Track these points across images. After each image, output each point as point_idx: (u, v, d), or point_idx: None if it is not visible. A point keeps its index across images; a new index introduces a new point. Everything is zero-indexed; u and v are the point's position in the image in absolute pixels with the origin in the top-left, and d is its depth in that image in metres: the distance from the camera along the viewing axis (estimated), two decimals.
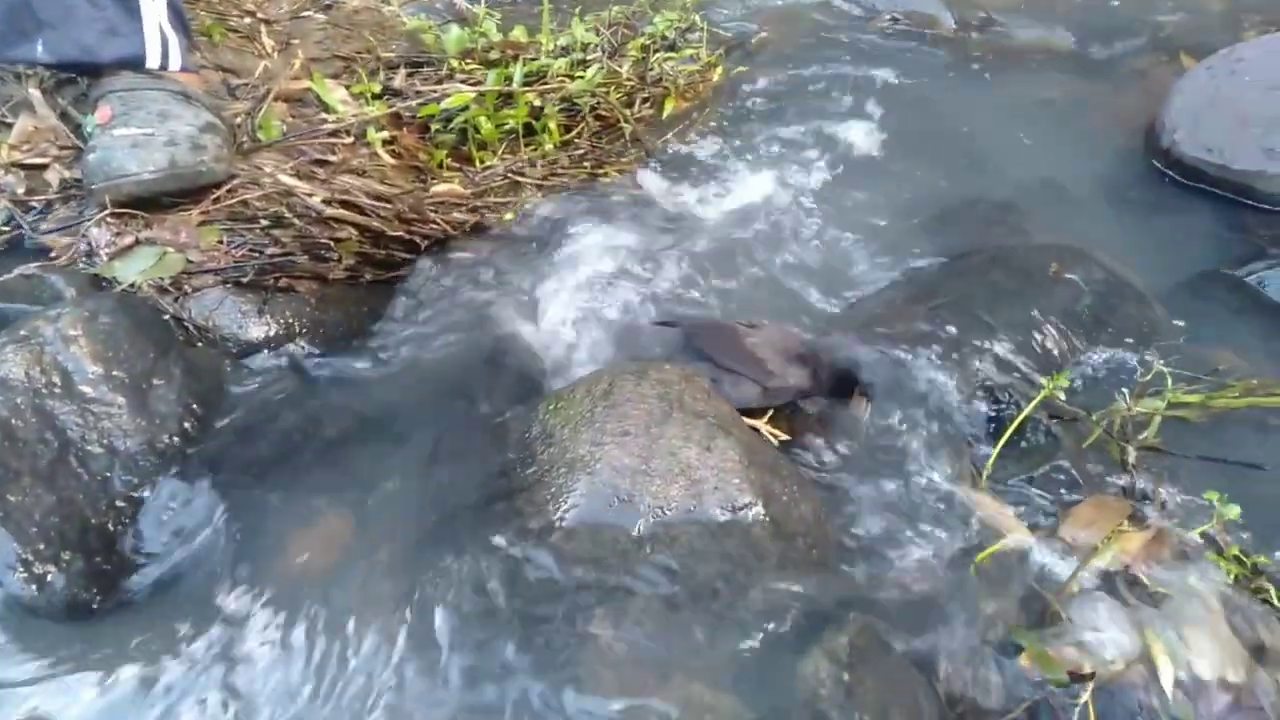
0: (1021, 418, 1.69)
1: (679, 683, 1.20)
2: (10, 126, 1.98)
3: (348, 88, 2.30)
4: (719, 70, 2.88)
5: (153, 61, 1.86)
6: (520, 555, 1.34)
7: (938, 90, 2.90)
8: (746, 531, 1.32)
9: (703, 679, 1.21)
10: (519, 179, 2.32)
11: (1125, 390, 1.84)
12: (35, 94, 2.02)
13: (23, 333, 1.46)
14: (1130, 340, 1.97)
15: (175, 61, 1.89)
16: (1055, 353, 1.92)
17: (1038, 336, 1.94)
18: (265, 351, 1.74)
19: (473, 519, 1.42)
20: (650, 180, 2.43)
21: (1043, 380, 1.76)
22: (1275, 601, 1.39)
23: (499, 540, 1.36)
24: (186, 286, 1.72)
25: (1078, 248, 2.17)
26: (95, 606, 1.33)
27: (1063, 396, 1.75)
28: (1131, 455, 1.71)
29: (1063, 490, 1.64)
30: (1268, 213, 2.34)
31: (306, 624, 1.34)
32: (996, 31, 3.21)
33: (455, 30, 2.50)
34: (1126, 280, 2.11)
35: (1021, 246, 2.20)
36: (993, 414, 1.78)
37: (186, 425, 1.54)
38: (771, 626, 1.26)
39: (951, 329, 1.91)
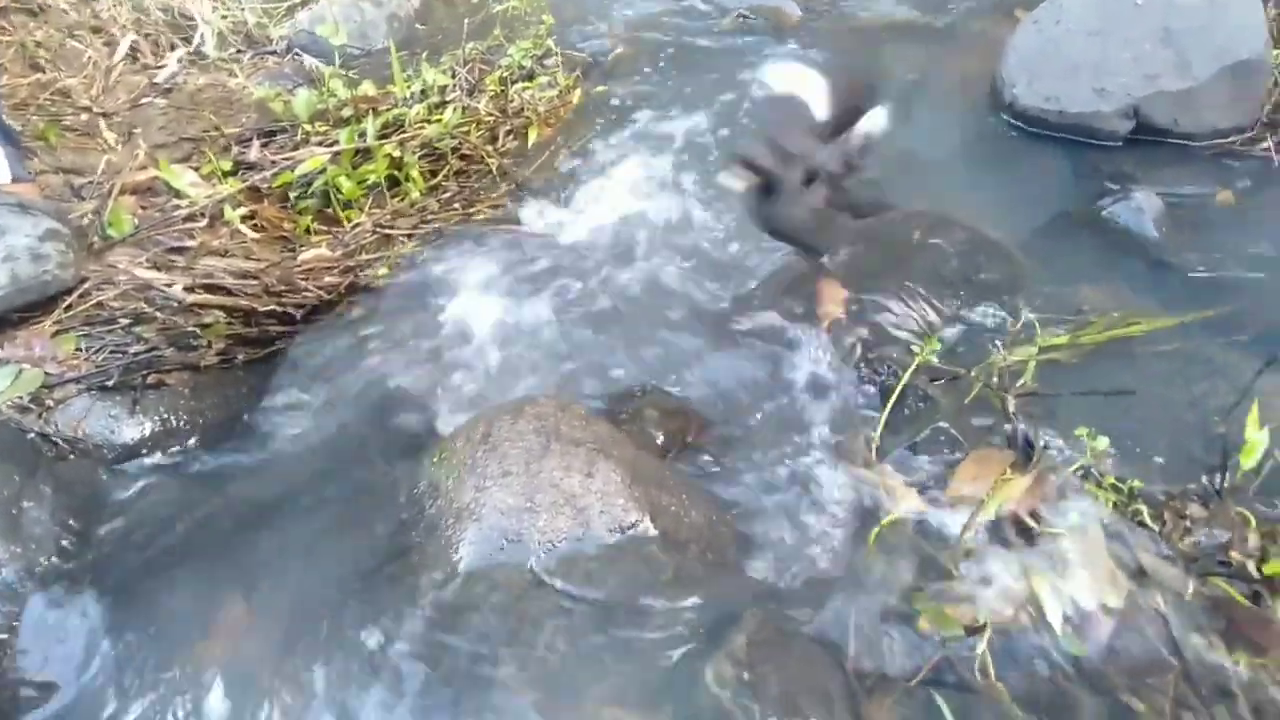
0: (900, 386, 1.74)
1: (589, 711, 1.21)
2: None
3: (197, 169, 2.26)
4: (578, 93, 2.91)
5: None
6: (420, 611, 1.33)
7: None
8: (638, 549, 1.34)
9: (612, 702, 1.22)
10: (389, 232, 2.31)
11: (999, 342, 1.91)
12: None
13: None
14: (998, 293, 2.04)
15: (4, 175, 1.85)
16: (928, 318, 1.98)
17: (910, 304, 2.00)
18: (143, 452, 1.70)
19: (372, 582, 1.42)
20: (522, 212, 2.44)
21: (916, 347, 1.82)
22: (1149, 522, 1.46)
23: (398, 600, 1.35)
24: (49, 400, 1.68)
25: (938, 212, 2.25)
26: None
27: (936, 360, 1.81)
28: (1011, 404, 1.77)
29: (948, 450, 1.69)
30: (1108, 149, 2.46)
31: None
32: (841, 14, 3.31)
33: (303, 94, 2.48)
34: (988, 236, 2.19)
35: (884, 219, 2.26)
36: (874, 387, 1.83)
37: (64, 543, 1.50)
38: (674, 638, 1.28)
39: None
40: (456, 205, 2.44)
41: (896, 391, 1.74)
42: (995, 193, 2.41)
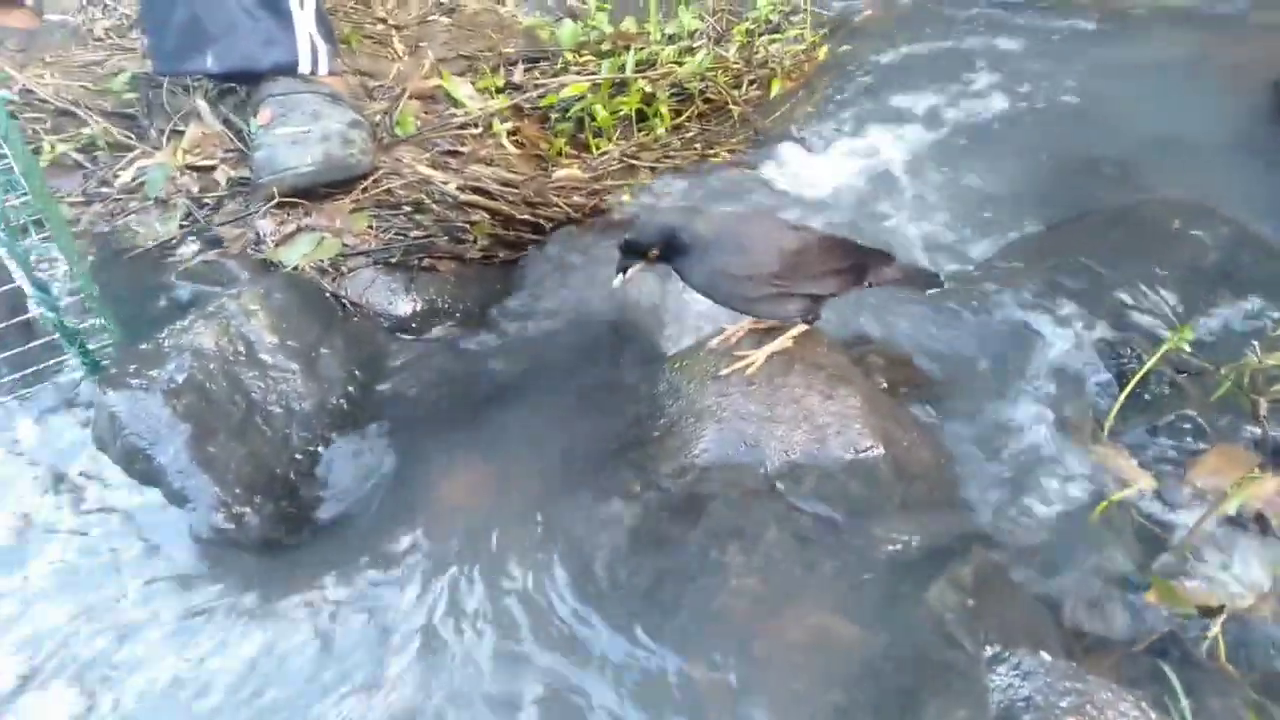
0: (1145, 370, 1.69)
1: (807, 611, 1.28)
2: (182, 134, 2.21)
3: (473, 84, 2.46)
4: (824, 50, 2.92)
5: (304, 67, 2.06)
6: (654, 496, 1.44)
7: (1050, 55, 2.86)
8: (869, 472, 1.39)
9: (830, 608, 1.28)
10: (633, 162, 2.43)
11: (1256, 343, 1.81)
12: (202, 104, 2.25)
13: (211, 309, 1.66)
14: (1261, 294, 1.93)
15: (324, 66, 2.08)
16: (1180, 308, 1.90)
17: (1161, 292, 1.92)
18: (414, 325, 1.90)
19: (607, 465, 1.54)
20: (757, 159, 2.50)
21: (1166, 335, 1.76)
22: None
23: (633, 483, 1.47)
24: (343, 267, 1.91)
25: (1201, 203, 2.13)
26: (284, 542, 1.51)
27: (1188, 349, 1.74)
28: (1263, 407, 1.68)
29: (1188, 440, 1.64)
30: None
31: (459, 557, 1.49)
32: None
33: (569, 25, 2.63)
34: (1255, 234, 2.06)
35: (1142, 204, 2.17)
36: (1115, 368, 1.78)
37: (350, 389, 1.71)
38: (895, 560, 1.32)
39: (1072, 286, 1.92)
40: (697, 145, 2.53)
41: (1139, 375, 1.69)
42: (1268, 190, 2.25)
